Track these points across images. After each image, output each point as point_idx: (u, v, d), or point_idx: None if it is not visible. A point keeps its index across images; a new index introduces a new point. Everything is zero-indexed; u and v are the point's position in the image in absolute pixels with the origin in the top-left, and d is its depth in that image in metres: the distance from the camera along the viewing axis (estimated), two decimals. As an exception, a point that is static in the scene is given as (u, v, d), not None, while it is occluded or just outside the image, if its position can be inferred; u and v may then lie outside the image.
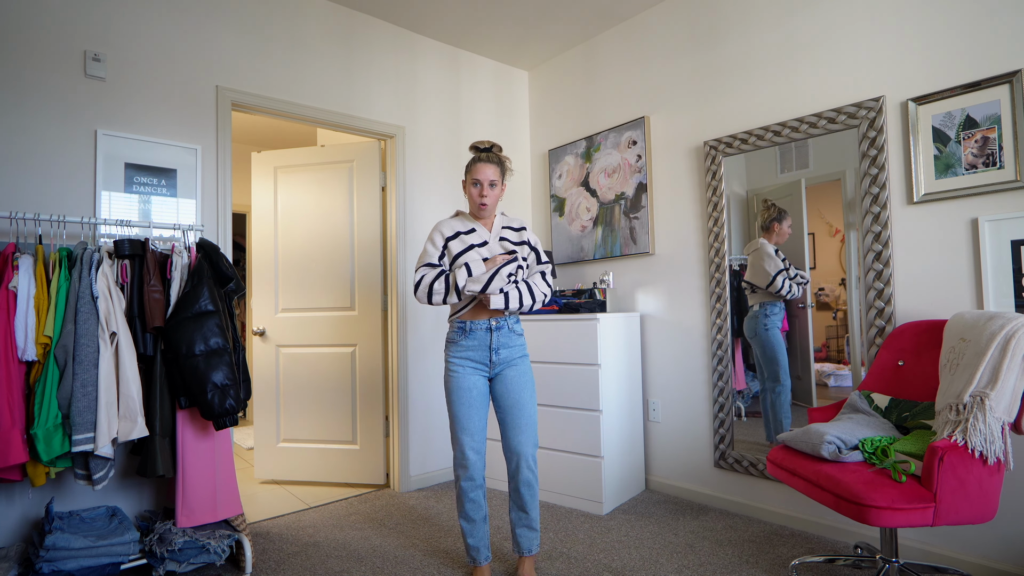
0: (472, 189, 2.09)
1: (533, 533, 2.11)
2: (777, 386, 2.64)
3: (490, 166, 2.08)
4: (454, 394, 2.05)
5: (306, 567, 2.28)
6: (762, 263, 2.70)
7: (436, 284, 2.00)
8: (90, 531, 2.04)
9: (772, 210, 2.67)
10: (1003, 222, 2.04)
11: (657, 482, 3.13)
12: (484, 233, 2.10)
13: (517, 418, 2.06)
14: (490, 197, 2.08)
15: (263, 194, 3.55)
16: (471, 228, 2.10)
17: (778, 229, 2.64)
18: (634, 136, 3.28)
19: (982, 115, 2.08)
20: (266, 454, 3.46)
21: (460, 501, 2.09)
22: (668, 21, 3.15)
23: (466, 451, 2.04)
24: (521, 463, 2.06)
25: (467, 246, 2.05)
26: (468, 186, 2.11)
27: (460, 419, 2.05)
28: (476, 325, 2.05)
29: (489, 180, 2.07)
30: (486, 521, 2.12)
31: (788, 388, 2.61)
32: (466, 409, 2.04)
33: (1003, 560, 2.03)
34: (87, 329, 1.95)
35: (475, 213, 2.12)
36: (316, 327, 3.41)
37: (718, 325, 2.86)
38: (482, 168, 2.07)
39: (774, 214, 2.66)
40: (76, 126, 2.32)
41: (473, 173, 2.08)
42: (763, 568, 2.18)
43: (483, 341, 2.06)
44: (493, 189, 2.08)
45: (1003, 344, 1.67)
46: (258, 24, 2.84)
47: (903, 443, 1.84)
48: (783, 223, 2.63)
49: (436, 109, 3.53)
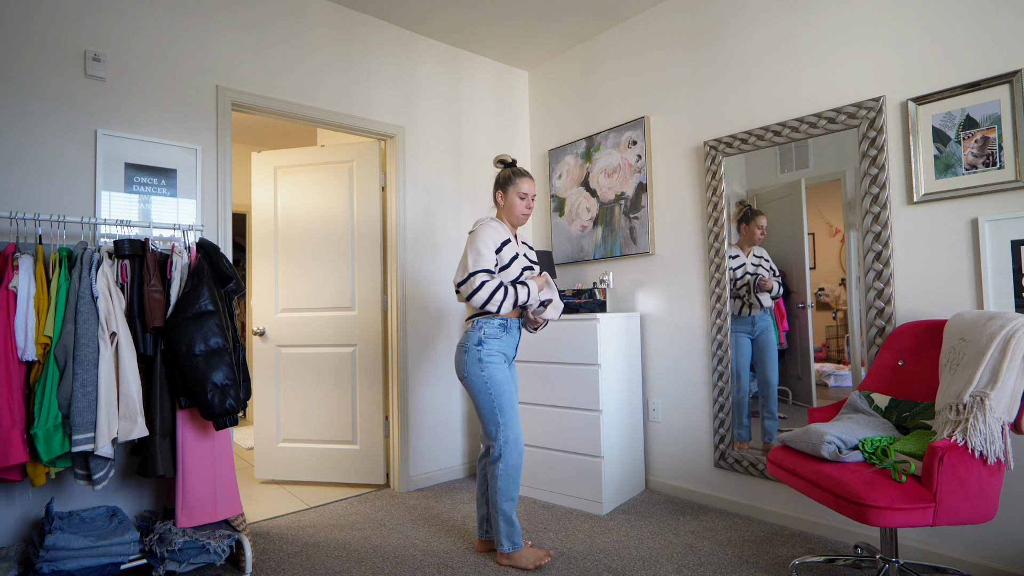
0: (519, 202, 2.30)
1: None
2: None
3: (531, 181, 2.34)
4: (502, 385, 2.22)
5: (306, 567, 2.28)
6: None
7: (498, 295, 2.16)
8: (90, 531, 2.04)
9: (741, 208, 2.69)
10: (1003, 222, 2.04)
11: (657, 482, 3.13)
12: (515, 245, 2.30)
13: (517, 406, 2.33)
14: (532, 208, 2.38)
15: (263, 194, 3.55)
16: (509, 238, 2.28)
17: (745, 230, 2.66)
18: (634, 136, 3.28)
19: (982, 115, 2.08)
20: (266, 454, 3.46)
21: (514, 481, 2.23)
22: (668, 21, 3.15)
23: (520, 433, 2.26)
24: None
25: (513, 255, 2.26)
26: (512, 197, 2.31)
27: (512, 406, 2.25)
28: (513, 324, 2.30)
29: (533, 194, 2.34)
30: None
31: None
32: (512, 397, 2.25)
33: (1003, 560, 2.03)
34: (87, 329, 1.95)
35: (516, 223, 2.34)
36: (316, 327, 3.41)
37: (718, 325, 2.86)
38: (528, 182, 2.32)
39: (741, 213, 2.69)
40: (76, 126, 2.32)
41: (519, 187, 2.30)
42: (763, 568, 2.18)
43: (515, 338, 2.32)
44: (534, 202, 2.36)
45: (1003, 344, 1.67)
46: (258, 24, 2.84)
47: (903, 443, 1.84)
48: (751, 223, 2.65)
49: (436, 109, 3.53)
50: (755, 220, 2.66)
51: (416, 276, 3.37)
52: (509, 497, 2.23)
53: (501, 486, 2.21)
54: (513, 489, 2.24)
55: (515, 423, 2.25)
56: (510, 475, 2.22)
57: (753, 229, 2.65)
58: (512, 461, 2.22)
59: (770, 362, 2.67)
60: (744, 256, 2.71)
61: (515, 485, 2.24)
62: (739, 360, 2.76)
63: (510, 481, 2.22)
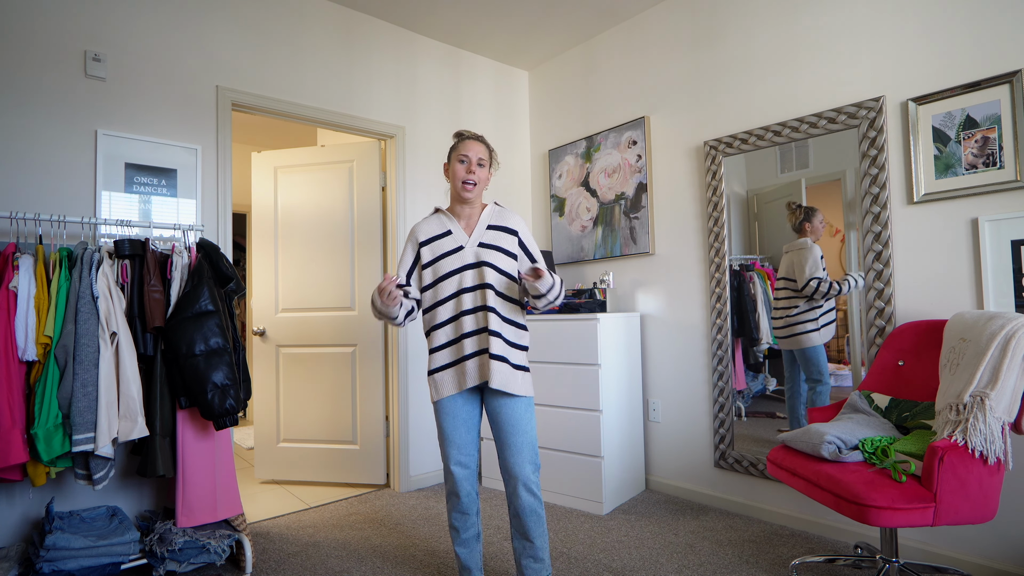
0: (457, 166, 1.87)
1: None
2: (819, 385, 2.58)
3: (479, 144, 1.89)
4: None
5: (306, 567, 2.28)
6: (807, 264, 2.61)
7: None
8: (90, 531, 2.04)
9: (799, 212, 2.61)
10: (1003, 222, 2.04)
11: (657, 482, 3.13)
12: (461, 236, 1.88)
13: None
14: (478, 175, 1.86)
15: (263, 194, 3.55)
16: (447, 230, 1.90)
17: (810, 228, 2.59)
18: (634, 136, 3.28)
19: (982, 115, 2.08)
20: (266, 454, 3.46)
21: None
22: (668, 21, 3.15)
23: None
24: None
25: (438, 255, 1.87)
26: (453, 164, 1.88)
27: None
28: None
29: (478, 157, 1.86)
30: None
31: (829, 387, 2.56)
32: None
33: (1003, 560, 2.03)
34: (87, 329, 1.95)
35: (458, 197, 1.89)
36: (316, 327, 3.41)
37: (718, 325, 2.86)
38: (470, 144, 1.87)
39: (800, 216, 2.61)
40: (76, 126, 2.32)
41: (459, 150, 1.87)
42: (763, 568, 2.18)
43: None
44: (482, 169, 1.88)
45: (1003, 344, 1.67)
46: (258, 24, 2.84)
47: (903, 443, 1.84)
48: (814, 220, 2.58)
49: (436, 109, 3.53)
50: (815, 216, 2.58)
51: (416, 276, 3.37)
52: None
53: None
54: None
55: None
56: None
57: (817, 225, 2.57)
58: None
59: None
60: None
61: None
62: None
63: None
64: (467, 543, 1.94)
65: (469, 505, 1.91)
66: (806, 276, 2.60)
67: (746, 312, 2.78)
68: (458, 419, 1.87)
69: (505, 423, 1.84)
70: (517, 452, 1.83)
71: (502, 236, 1.89)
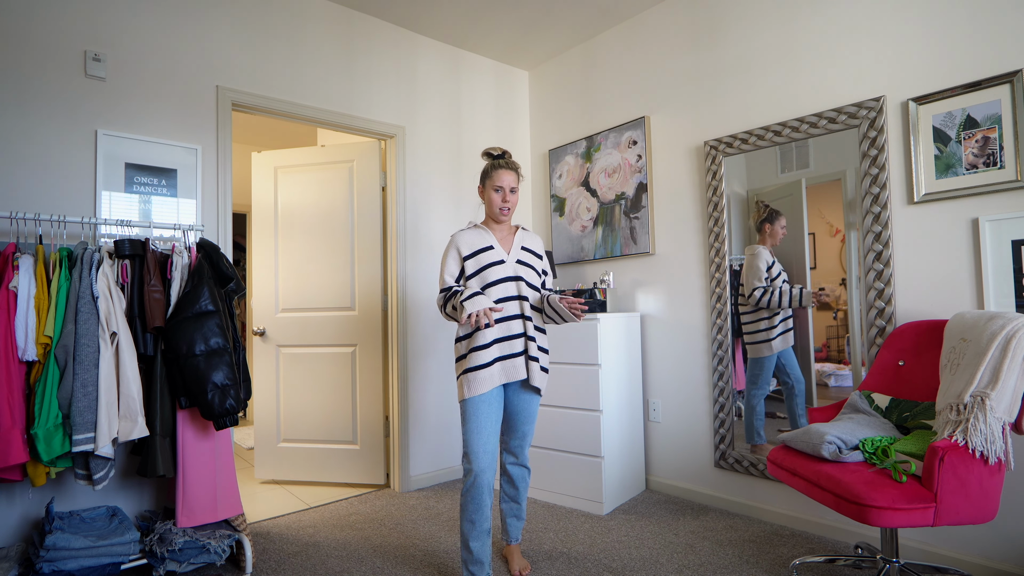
0: (494, 195, 2.12)
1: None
2: (788, 386, 2.61)
3: (511, 172, 2.12)
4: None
5: (306, 567, 2.28)
6: (749, 272, 2.70)
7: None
8: (90, 531, 2.04)
9: (763, 211, 2.66)
10: (1004, 222, 2.03)
11: (657, 482, 3.13)
12: (501, 251, 2.10)
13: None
14: (511, 202, 2.12)
15: (263, 194, 3.55)
16: (488, 245, 2.11)
17: (770, 230, 2.64)
18: (634, 136, 3.28)
19: (983, 115, 2.08)
20: (266, 454, 3.46)
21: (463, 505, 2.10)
22: (668, 21, 3.15)
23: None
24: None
25: (483, 266, 2.07)
26: (488, 192, 2.13)
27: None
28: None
29: (511, 186, 2.12)
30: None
31: (765, 393, 2.68)
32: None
33: (1003, 560, 2.03)
34: (87, 329, 1.95)
35: (495, 218, 2.15)
36: (316, 327, 3.41)
37: (718, 325, 2.86)
38: (504, 174, 2.11)
39: (764, 215, 2.65)
40: (76, 126, 2.32)
41: (495, 179, 2.11)
42: (763, 568, 2.18)
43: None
44: (514, 195, 2.13)
45: (1004, 344, 1.67)
46: (258, 24, 2.84)
47: (903, 443, 1.83)
48: (775, 223, 2.62)
49: (436, 109, 3.53)
50: (779, 220, 2.62)
51: (416, 276, 3.37)
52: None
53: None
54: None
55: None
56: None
57: (777, 229, 2.62)
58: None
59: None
60: (772, 258, 2.65)
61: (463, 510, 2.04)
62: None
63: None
64: (481, 536, 2.02)
65: (489, 497, 2.03)
66: (751, 285, 2.65)
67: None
68: (491, 415, 2.04)
69: (525, 415, 2.15)
70: (526, 439, 2.19)
71: (532, 257, 2.17)
